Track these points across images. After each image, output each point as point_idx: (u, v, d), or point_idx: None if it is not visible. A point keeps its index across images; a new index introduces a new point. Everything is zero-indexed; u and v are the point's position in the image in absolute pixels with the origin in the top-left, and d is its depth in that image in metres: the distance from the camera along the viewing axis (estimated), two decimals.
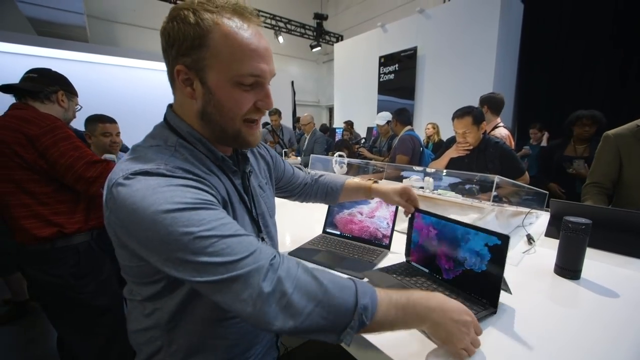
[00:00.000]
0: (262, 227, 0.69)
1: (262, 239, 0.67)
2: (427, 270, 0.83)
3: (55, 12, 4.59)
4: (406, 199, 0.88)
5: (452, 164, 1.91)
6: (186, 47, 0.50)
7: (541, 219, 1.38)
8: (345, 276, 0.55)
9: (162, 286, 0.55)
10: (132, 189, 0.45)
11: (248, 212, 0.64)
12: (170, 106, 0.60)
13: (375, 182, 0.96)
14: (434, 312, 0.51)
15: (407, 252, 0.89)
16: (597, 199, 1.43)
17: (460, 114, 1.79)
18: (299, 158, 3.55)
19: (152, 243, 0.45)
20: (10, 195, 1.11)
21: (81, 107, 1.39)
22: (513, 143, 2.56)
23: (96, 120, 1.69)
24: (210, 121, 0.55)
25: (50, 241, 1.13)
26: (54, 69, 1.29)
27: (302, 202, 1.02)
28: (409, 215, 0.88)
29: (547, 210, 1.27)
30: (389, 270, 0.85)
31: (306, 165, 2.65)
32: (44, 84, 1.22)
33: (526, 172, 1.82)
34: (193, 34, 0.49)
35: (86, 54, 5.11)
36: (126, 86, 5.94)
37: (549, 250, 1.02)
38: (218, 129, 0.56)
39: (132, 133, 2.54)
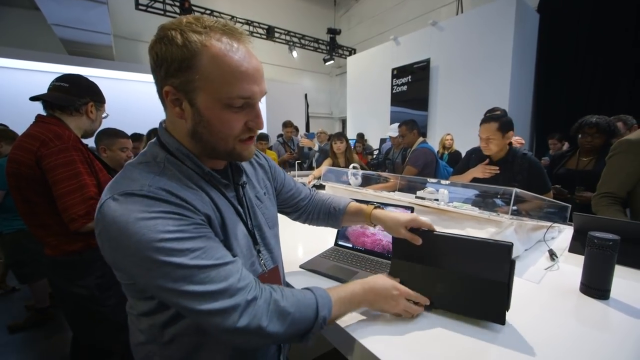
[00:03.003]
0: (259, 239, 0.68)
1: (259, 252, 0.66)
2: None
3: (85, 33, 4.91)
4: (415, 224, 0.76)
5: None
6: (174, 69, 0.49)
7: (564, 233, 1.32)
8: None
9: (157, 302, 0.55)
10: (117, 213, 0.47)
11: (244, 223, 0.64)
12: (162, 123, 0.60)
13: (378, 206, 0.86)
14: (368, 295, 0.65)
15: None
16: (614, 210, 1.31)
17: (486, 118, 1.73)
18: (316, 144, 3.53)
19: (135, 268, 0.48)
20: (31, 215, 1.12)
21: (108, 115, 1.37)
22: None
23: (115, 136, 1.74)
24: (202, 140, 0.55)
25: (78, 253, 1.14)
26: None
27: (304, 222, 0.94)
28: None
29: (570, 224, 1.21)
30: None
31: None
32: (75, 96, 1.19)
33: (551, 192, 1.72)
34: (181, 56, 0.48)
35: (112, 71, 5.41)
36: (149, 100, 6.22)
37: (573, 267, 0.96)
38: (209, 147, 0.56)
39: None
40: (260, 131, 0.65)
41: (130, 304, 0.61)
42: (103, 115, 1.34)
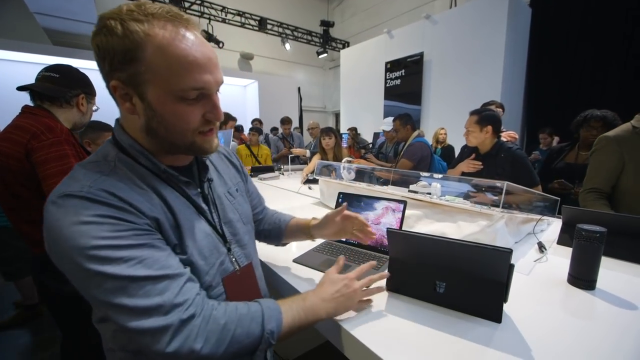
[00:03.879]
0: (230, 235, 0.64)
1: (229, 249, 0.63)
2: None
3: (70, 22, 4.75)
4: (344, 217, 0.81)
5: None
6: (118, 62, 0.46)
7: (553, 226, 1.35)
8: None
9: None
10: (54, 217, 0.45)
11: (208, 221, 0.60)
12: (118, 119, 0.56)
13: (315, 219, 0.87)
14: (324, 301, 0.61)
15: None
16: (600, 204, 1.36)
17: (471, 112, 1.84)
18: (307, 151, 3.54)
19: (71, 276, 0.46)
20: (18, 210, 1.08)
21: (98, 108, 1.31)
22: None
23: (101, 129, 1.69)
24: (157, 136, 0.52)
25: None
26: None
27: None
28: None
29: (559, 217, 1.24)
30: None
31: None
32: (66, 87, 1.14)
33: (539, 186, 1.75)
34: (123, 48, 0.45)
35: None
36: None
37: (561, 258, 0.99)
38: (167, 142, 0.53)
39: None
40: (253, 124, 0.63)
41: (93, 310, 0.57)
42: (94, 108, 1.29)
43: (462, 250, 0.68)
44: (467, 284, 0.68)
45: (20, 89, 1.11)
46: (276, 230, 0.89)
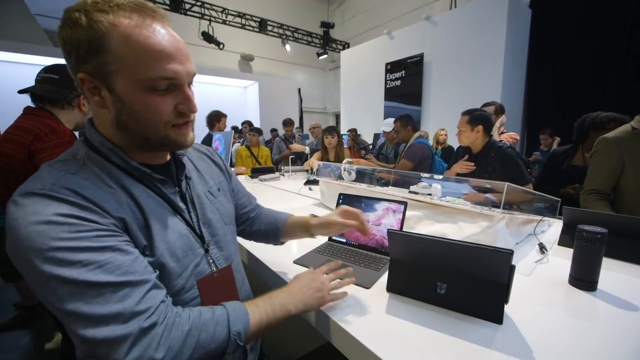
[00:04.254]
0: (208, 236, 0.62)
1: (207, 251, 0.61)
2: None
3: None
4: (345, 214, 0.80)
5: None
6: (84, 53, 0.45)
7: (554, 227, 1.34)
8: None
9: None
10: (13, 216, 0.43)
11: (185, 221, 0.58)
12: (90, 118, 0.55)
13: (314, 216, 0.86)
14: (291, 294, 0.62)
15: None
16: (601, 205, 1.36)
17: (462, 112, 1.89)
18: (307, 147, 3.54)
19: (28, 278, 0.43)
20: None
21: None
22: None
23: None
24: (127, 129, 0.50)
25: None
26: None
27: (245, 236, 0.90)
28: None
29: (560, 218, 1.23)
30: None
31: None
32: (67, 88, 1.13)
33: (531, 183, 1.76)
34: (88, 38, 0.44)
35: None
36: None
37: (562, 260, 0.98)
38: (138, 136, 0.51)
39: None
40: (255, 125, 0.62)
41: None
42: None
43: (462, 251, 0.67)
44: (468, 285, 0.68)
45: (22, 92, 1.11)
46: (273, 230, 0.87)
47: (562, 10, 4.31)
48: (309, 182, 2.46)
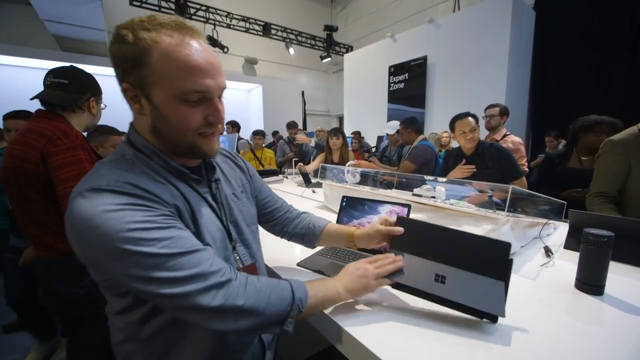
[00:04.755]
0: (235, 234, 0.68)
1: (234, 247, 0.67)
2: None
3: (78, 29, 4.84)
4: (387, 224, 0.80)
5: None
6: (129, 67, 0.51)
7: (559, 230, 1.33)
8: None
9: (132, 299, 0.56)
10: (83, 207, 0.47)
11: (218, 218, 0.65)
12: (132, 121, 0.61)
13: (358, 228, 0.87)
14: (339, 279, 0.67)
15: None
16: (607, 208, 1.34)
17: (465, 113, 1.97)
18: (312, 140, 3.52)
19: (105, 261, 0.48)
20: (27, 212, 1.09)
21: (106, 106, 1.32)
22: (522, 150, 2.49)
23: (108, 133, 1.71)
24: (162, 136, 0.56)
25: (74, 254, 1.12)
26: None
27: (278, 234, 0.93)
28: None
29: (566, 221, 1.22)
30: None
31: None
32: (76, 92, 1.16)
33: (524, 177, 1.86)
34: (133, 54, 0.50)
35: (106, 67, 5.33)
36: None
37: (568, 263, 0.97)
38: (170, 142, 0.57)
39: None
40: (257, 128, 0.66)
41: (109, 304, 0.61)
42: (102, 107, 1.30)
43: (460, 239, 0.70)
44: (466, 278, 0.66)
45: (34, 98, 1.13)
46: (310, 234, 0.89)
47: (566, 11, 4.28)
48: (312, 185, 2.47)
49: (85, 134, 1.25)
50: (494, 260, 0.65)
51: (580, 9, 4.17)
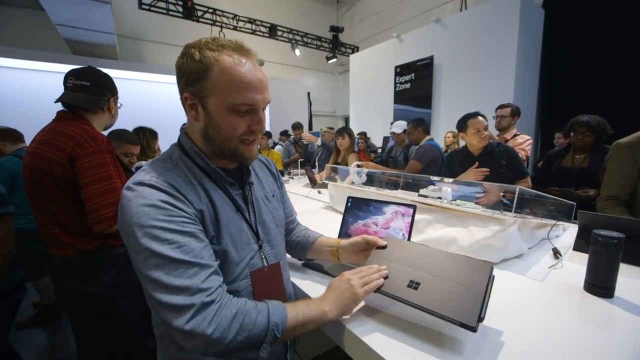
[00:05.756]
0: (263, 234, 0.72)
1: (260, 247, 0.71)
2: None
3: (89, 33, 4.94)
4: (366, 242, 0.82)
5: (462, 169, 2.00)
6: (192, 79, 0.59)
7: (568, 231, 1.31)
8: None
9: None
10: (128, 197, 0.55)
11: (245, 220, 0.69)
12: (183, 126, 0.69)
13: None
14: (325, 299, 0.65)
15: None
16: (618, 211, 1.32)
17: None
18: (318, 139, 3.54)
19: (129, 247, 0.55)
20: (51, 212, 1.10)
21: (122, 105, 1.36)
22: (529, 148, 2.45)
23: (122, 140, 1.75)
24: (210, 140, 0.63)
25: (94, 252, 1.12)
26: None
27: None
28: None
29: (575, 222, 1.20)
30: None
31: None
32: (98, 94, 1.19)
33: (529, 177, 1.87)
34: (197, 69, 0.58)
35: (116, 70, 5.45)
36: (152, 99, 6.26)
37: (577, 265, 0.96)
38: (216, 146, 0.64)
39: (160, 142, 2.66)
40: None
41: None
42: (118, 106, 1.33)
43: (443, 256, 0.70)
44: (445, 286, 0.64)
45: (57, 101, 1.16)
46: (303, 245, 0.93)
47: (576, 9, 4.20)
48: (317, 185, 2.47)
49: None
50: (473, 274, 0.63)
51: (590, 7, 4.09)
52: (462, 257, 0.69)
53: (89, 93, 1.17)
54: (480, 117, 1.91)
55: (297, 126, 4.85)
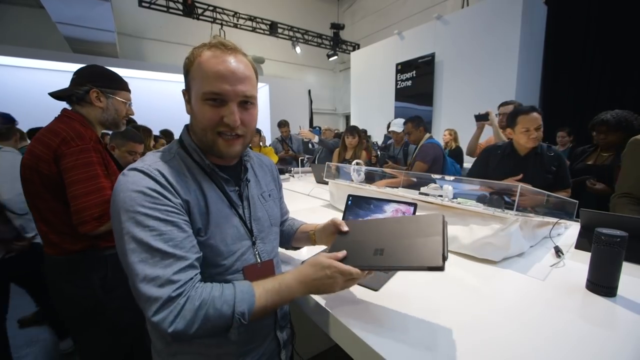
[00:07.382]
0: (256, 231, 0.73)
1: (254, 243, 0.71)
2: None
3: (89, 30, 4.93)
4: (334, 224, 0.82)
5: (501, 168, 1.78)
6: (184, 76, 0.65)
7: (570, 229, 1.30)
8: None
9: None
10: (120, 182, 0.57)
11: (238, 216, 0.70)
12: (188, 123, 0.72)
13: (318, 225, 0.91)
14: (301, 284, 0.63)
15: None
16: (629, 209, 1.30)
17: (532, 108, 1.72)
18: (316, 137, 3.55)
19: (114, 229, 0.57)
20: (39, 210, 1.10)
21: (130, 102, 1.30)
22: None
23: (127, 138, 1.74)
24: (194, 132, 0.66)
25: (81, 252, 1.10)
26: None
27: None
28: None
29: (577, 221, 1.19)
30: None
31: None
32: (76, 84, 1.15)
33: (570, 188, 1.71)
34: (186, 66, 0.64)
35: (116, 68, 5.42)
36: (153, 97, 6.25)
37: (579, 264, 0.95)
38: (198, 138, 0.66)
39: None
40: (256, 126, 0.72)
41: None
42: (128, 103, 1.27)
43: (398, 221, 0.74)
44: (406, 242, 0.66)
45: (51, 94, 1.17)
46: (287, 233, 0.95)
47: (579, 5, 4.16)
48: (321, 182, 2.46)
49: (109, 132, 1.23)
50: (428, 226, 0.66)
51: (593, 3, 4.05)
52: (414, 217, 0.75)
53: (71, 84, 1.15)
54: (534, 114, 1.68)
55: (282, 124, 4.79)
